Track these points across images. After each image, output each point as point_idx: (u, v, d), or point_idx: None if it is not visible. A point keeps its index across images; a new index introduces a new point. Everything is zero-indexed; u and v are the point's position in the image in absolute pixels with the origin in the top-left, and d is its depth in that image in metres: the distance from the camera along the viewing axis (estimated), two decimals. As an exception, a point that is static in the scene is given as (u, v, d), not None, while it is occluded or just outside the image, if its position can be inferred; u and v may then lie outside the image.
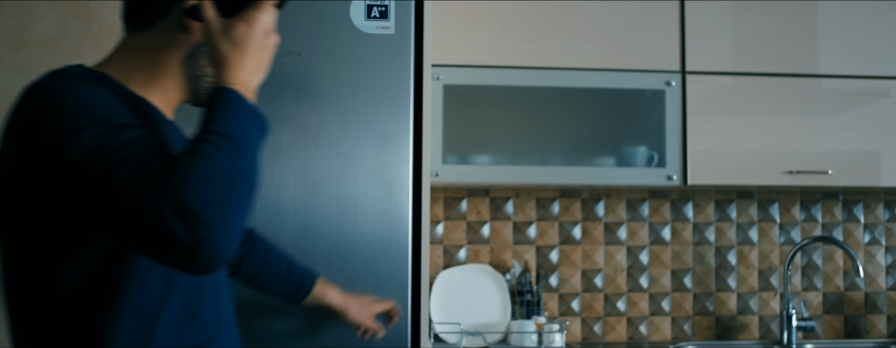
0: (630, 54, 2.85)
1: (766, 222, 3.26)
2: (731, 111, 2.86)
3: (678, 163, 2.83)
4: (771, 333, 3.21)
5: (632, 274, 3.17)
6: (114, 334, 1.19)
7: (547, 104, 2.85)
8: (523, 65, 2.82)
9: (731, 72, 2.87)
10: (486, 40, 2.80)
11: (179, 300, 1.26)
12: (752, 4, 2.89)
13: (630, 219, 3.19)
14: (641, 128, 2.87)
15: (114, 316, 1.19)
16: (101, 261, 1.19)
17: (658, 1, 2.86)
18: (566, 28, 2.83)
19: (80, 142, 1.11)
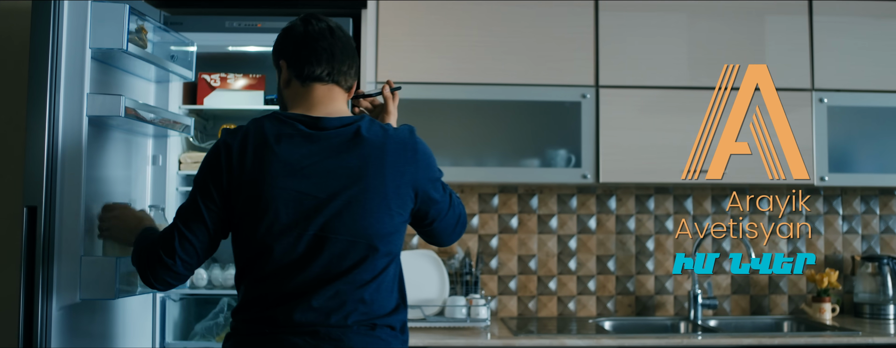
0: (552, 71, 3.46)
1: (680, 214, 3.86)
2: (638, 120, 3.46)
3: (592, 163, 3.43)
4: (684, 310, 3.81)
5: (562, 259, 3.79)
6: None
7: (482, 114, 3.47)
8: (461, 81, 3.43)
9: (638, 85, 3.47)
10: (429, 61, 3.42)
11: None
12: (657, 29, 3.49)
13: (560, 211, 3.80)
14: (561, 134, 3.48)
15: None
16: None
17: (575, 27, 3.46)
18: (496, 50, 3.44)
19: (441, 178, 2.13)
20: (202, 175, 1.97)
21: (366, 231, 1.89)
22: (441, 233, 2.12)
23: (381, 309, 1.93)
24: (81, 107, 2.25)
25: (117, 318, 2.58)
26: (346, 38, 2.06)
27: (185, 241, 1.94)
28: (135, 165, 2.70)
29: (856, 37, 3.57)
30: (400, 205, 1.95)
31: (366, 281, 1.90)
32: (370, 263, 1.91)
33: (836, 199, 3.95)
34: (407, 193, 1.95)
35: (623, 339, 3.13)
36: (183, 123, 2.74)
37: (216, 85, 3.09)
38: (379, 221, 1.90)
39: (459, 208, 2.13)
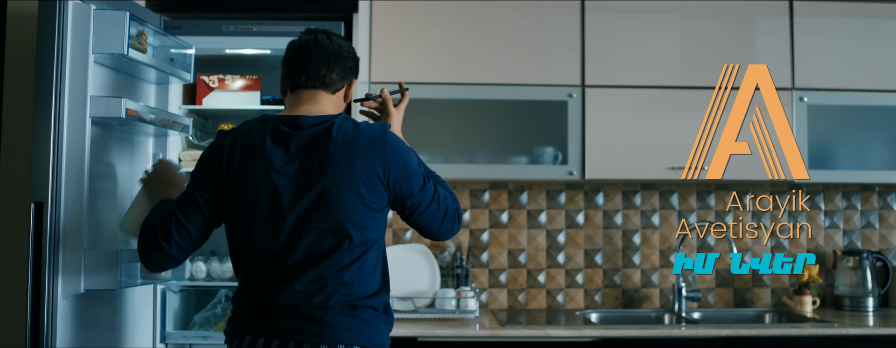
0: (539, 71, 3.60)
1: (666, 209, 4.00)
2: (622, 118, 3.60)
3: (578, 160, 3.58)
4: (670, 303, 3.95)
5: (550, 253, 3.94)
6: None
7: (472, 113, 3.62)
8: (452, 81, 3.58)
9: (623, 85, 3.61)
10: (420, 61, 3.57)
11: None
12: (642, 31, 3.63)
13: (549, 206, 3.95)
14: (549, 132, 3.62)
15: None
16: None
17: (562, 28, 3.60)
18: (486, 51, 3.59)
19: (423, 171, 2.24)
20: (198, 169, 2.17)
21: (339, 218, 2.05)
22: (426, 225, 2.24)
23: (362, 291, 2.08)
24: (85, 109, 2.41)
25: (119, 308, 2.74)
26: (332, 46, 2.21)
27: (181, 227, 2.13)
28: (136, 163, 2.86)
29: (835, 37, 3.71)
30: (372, 194, 2.09)
31: (345, 265, 2.06)
32: (347, 248, 2.06)
33: (819, 195, 4.08)
34: (377, 183, 2.09)
35: (604, 330, 3.27)
36: (182, 123, 2.89)
37: (214, 86, 3.25)
38: (351, 209, 2.06)
39: (447, 203, 2.24)
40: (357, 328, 2.06)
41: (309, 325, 2.03)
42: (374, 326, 2.09)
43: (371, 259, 2.12)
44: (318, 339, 2.02)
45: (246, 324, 2.08)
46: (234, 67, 3.38)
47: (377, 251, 2.14)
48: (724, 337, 3.28)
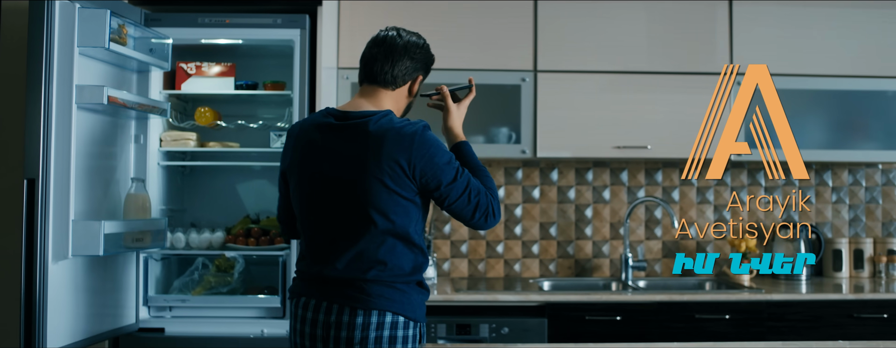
0: (496, 58, 3.94)
1: (616, 185, 4.36)
2: (571, 101, 3.93)
3: (530, 140, 3.92)
4: (619, 272, 4.31)
5: (508, 225, 4.29)
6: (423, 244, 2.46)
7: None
8: (414, 66, 3.91)
9: (572, 70, 3.95)
10: (383, 49, 3.89)
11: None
12: (589, 20, 3.96)
13: (507, 183, 4.30)
14: (504, 114, 3.96)
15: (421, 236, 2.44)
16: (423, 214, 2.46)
17: (516, 18, 3.93)
18: (447, 39, 3.91)
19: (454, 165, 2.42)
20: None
21: (367, 206, 2.31)
22: (458, 215, 2.46)
23: (396, 270, 2.35)
24: (71, 96, 2.76)
25: (106, 273, 3.11)
26: (400, 43, 2.52)
27: (281, 208, 2.60)
28: (119, 143, 3.21)
29: (773, 25, 4.03)
30: (398, 185, 2.30)
31: (377, 246, 2.33)
32: (376, 233, 2.32)
33: (760, 172, 4.43)
34: (401, 175, 2.32)
35: (548, 295, 3.64)
36: (160, 107, 3.24)
37: (192, 72, 3.59)
38: (376, 198, 2.30)
39: (479, 198, 2.41)
40: (390, 296, 2.32)
41: (348, 291, 2.32)
42: (407, 295, 2.36)
43: (401, 242, 2.36)
44: (355, 303, 2.30)
45: (302, 288, 2.44)
46: (210, 55, 3.72)
47: (409, 234, 2.37)
48: (658, 302, 3.64)
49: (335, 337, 2.32)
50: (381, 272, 2.32)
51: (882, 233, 4.49)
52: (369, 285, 2.32)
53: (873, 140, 4.13)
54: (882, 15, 4.09)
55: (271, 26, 3.44)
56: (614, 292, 3.99)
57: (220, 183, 3.89)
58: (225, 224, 3.74)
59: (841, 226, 4.48)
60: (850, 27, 4.07)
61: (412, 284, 2.39)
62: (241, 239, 3.56)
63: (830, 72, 4.06)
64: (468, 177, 2.41)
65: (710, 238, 4.40)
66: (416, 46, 2.53)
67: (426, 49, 2.57)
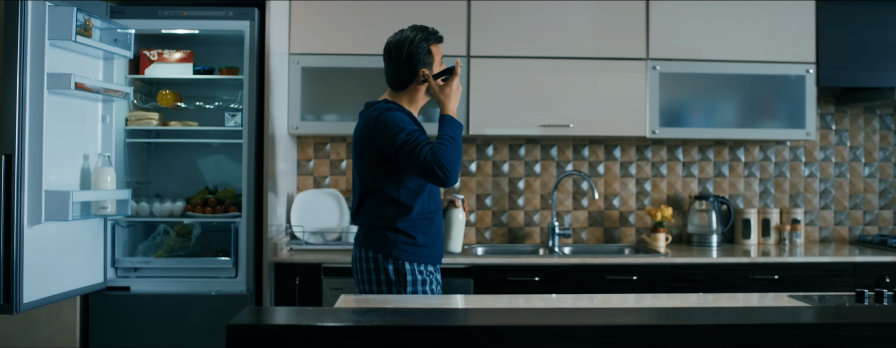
0: (432, 44, 4.38)
1: (546, 160, 4.83)
2: (501, 84, 4.39)
3: (464, 119, 4.38)
4: (548, 239, 4.79)
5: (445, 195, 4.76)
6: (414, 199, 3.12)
7: (377, 79, 4.39)
8: (359, 53, 4.37)
9: (503, 55, 4.40)
10: (334, 36, 4.35)
11: (429, 192, 3.16)
12: (516, 10, 4.40)
13: (447, 158, 4.77)
14: (440, 95, 4.41)
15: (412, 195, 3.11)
16: (407, 177, 3.09)
17: (452, 9, 4.38)
18: (388, 26, 4.32)
19: (402, 136, 2.99)
20: None
21: (360, 177, 3.18)
22: (414, 174, 3.07)
23: (385, 218, 3.13)
24: (42, 83, 3.21)
25: (76, 238, 3.57)
26: (385, 54, 3.24)
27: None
28: (88, 123, 3.67)
29: (686, 13, 4.48)
30: (371, 158, 3.09)
31: (373, 202, 3.14)
32: (368, 194, 3.16)
33: (678, 149, 4.90)
34: (370, 150, 3.09)
35: (474, 259, 4.11)
36: (123, 91, 3.70)
37: (154, 59, 4.04)
38: (363, 171, 3.15)
39: (421, 159, 2.95)
40: (377, 239, 3.12)
41: (359, 232, 3.21)
42: (388, 238, 3.10)
43: (383, 199, 3.12)
44: (356, 242, 3.20)
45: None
46: (171, 43, 4.17)
47: (391, 194, 3.11)
48: (573, 264, 4.12)
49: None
50: (374, 221, 3.15)
51: (789, 204, 4.98)
52: (364, 231, 3.20)
53: (780, 119, 4.59)
54: (784, 5, 4.54)
55: (224, 18, 3.89)
56: (536, 256, 4.47)
57: (182, 158, 4.36)
58: (186, 195, 4.21)
59: (752, 198, 4.97)
60: (757, 17, 4.53)
61: (397, 233, 3.11)
62: (198, 208, 4.03)
63: (740, 58, 4.52)
64: (416, 143, 2.99)
65: (631, 208, 4.89)
66: (399, 46, 3.18)
67: (411, 42, 3.18)
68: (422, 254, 3.14)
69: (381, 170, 3.08)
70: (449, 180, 2.97)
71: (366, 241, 3.14)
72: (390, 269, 3.10)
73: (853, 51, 4.57)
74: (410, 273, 3.10)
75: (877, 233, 5.03)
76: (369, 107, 3.18)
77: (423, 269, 3.15)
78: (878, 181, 5.05)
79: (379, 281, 3.11)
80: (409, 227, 3.11)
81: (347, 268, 4.03)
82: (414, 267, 3.12)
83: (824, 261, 4.25)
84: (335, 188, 4.70)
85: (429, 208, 3.17)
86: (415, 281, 3.11)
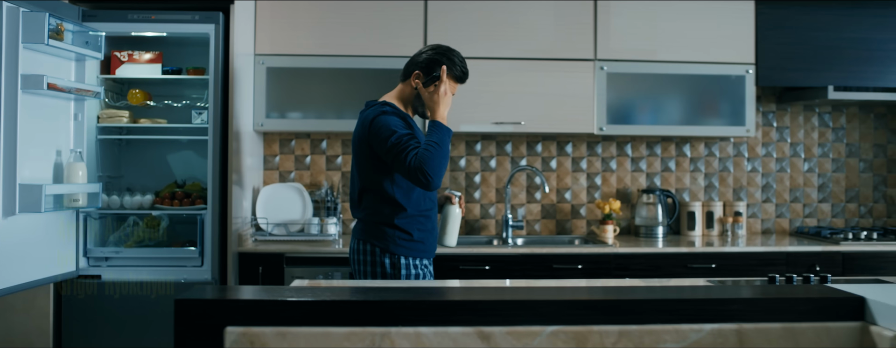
0: (392, 46, 4.63)
1: (502, 156, 5.08)
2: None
3: (421, 117, 4.62)
4: (502, 231, 5.05)
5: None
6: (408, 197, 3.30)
7: (340, 79, 4.65)
8: (321, 53, 4.61)
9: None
10: (296, 38, 4.59)
11: (422, 192, 3.32)
12: (469, 13, 4.65)
13: (406, 153, 5.01)
14: (398, 94, 4.66)
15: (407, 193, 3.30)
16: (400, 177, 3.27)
17: (408, 10, 4.62)
18: (350, 29, 4.61)
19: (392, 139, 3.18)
20: None
21: (359, 175, 3.37)
22: (402, 175, 3.28)
23: (378, 216, 3.32)
24: (16, 83, 3.43)
25: (50, 229, 3.80)
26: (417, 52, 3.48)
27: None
28: (60, 121, 3.90)
29: (632, 17, 4.74)
30: (367, 157, 3.29)
31: (371, 198, 3.33)
32: (366, 191, 3.34)
33: (627, 145, 5.17)
34: (367, 150, 3.28)
35: (428, 248, 4.35)
36: (94, 91, 3.93)
37: (125, 60, 4.27)
38: (359, 169, 3.36)
39: (406, 163, 3.17)
40: (375, 233, 3.32)
41: (358, 225, 3.42)
42: (386, 234, 3.31)
43: (380, 197, 3.32)
44: (355, 234, 3.41)
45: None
46: (142, 44, 4.41)
47: (388, 192, 3.31)
48: (521, 254, 4.37)
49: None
50: (373, 216, 3.35)
51: (732, 197, 5.25)
52: (361, 225, 3.41)
53: (722, 117, 4.86)
54: (726, 9, 4.80)
55: (190, 22, 4.13)
56: (489, 246, 4.72)
57: (152, 153, 4.60)
58: (155, 188, 4.45)
59: (697, 192, 5.24)
60: (700, 20, 4.79)
61: (391, 228, 3.32)
62: (166, 200, 4.27)
63: (684, 59, 4.78)
64: (405, 147, 3.18)
65: (582, 201, 5.15)
66: (421, 53, 3.45)
67: (426, 54, 3.43)
68: (417, 248, 3.35)
69: (377, 169, 3.29)
70: (431, 185, 3.15)
71: (364, 235, 3.35)
72: (387, 263, 3.31)
73: (790, 52, 4.84)
74: (405, 267, 3.32)
75: (815, 224, 5.31)
76: (369, 106, 3.42)
77: (418, 263, 3.36)
78: (817, 176, 5.33)
79: (375, 274, 3.33)
80: (406, 224, 3.32)
81: (309, 258, 4.27)
82: (409, 261, 3.33)
83: (759, 251, 4.52)
84: (299, 182, 4.94)
85: (424, 206, 3.38)
86: (409, 274, 3.33)
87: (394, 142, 3.17)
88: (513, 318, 1.98)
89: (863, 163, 5.35)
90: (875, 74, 4.88)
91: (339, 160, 5.01)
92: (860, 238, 4.74)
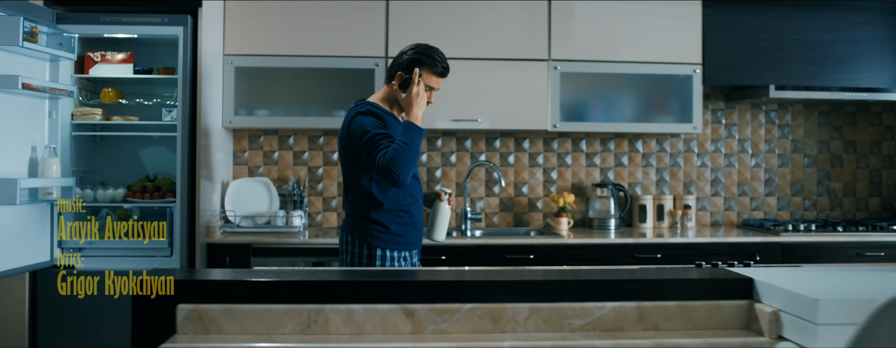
0: (355, 47, 4.86)
1: (461, 151, 5.33)
2: (416, 83, 4.87)
3: (383, 115, 4.86)
4: (462, 223, 5.29)
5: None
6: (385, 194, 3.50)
7: (305, 78, 4.89)
8: (287, 54, 4.84)
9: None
10: (263, 39, 4.82)
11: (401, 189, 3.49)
12: (430, 15, 4.89)
13: (370, 149, 5.25)
14: (361, 92, 4.88)
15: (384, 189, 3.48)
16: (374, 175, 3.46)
17: (371, 13, 4.85)
18: (314, 31, 4.84)
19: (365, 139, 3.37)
20: None
21: (343, 170, 3.59)
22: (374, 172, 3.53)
23: (361, 210, 3.53)
24: (-8, 83, 3.66)
25: (27, 221, 4.02)
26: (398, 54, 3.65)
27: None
28: (35, 118, 4.12)
29: (583, 19, 4.98)
30: (349, 155, 3.47)
31: (354, 193, 3.56)
32: (350, 186, 3.58)
33: (582, 141, 5.42)
34: (348, 148, 3.45)
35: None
36: (68, 90, 4.15)
37: (98, 60, 4.49)
38: (343, 166, 3.56)
39: (377, 160, 3.35)
40: (355, 225, 3.53)
41: (344, 218, 3.61)
42: (365, 227, 3.50)
43: (362, 193, 3.52)
44: (341, 226, 3.60)
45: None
46: (114, 45, 4.63)
47: (367, 187, 3.50)
48: (476, 245, 4.62)
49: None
50: (355, 210, 3.56)
51: (682, 191, 5.51)
52: (351, 217, 3.58)
53: (671, 114, 5.11)
54: (674, 12, 5.05)
55: (160, 24, 4.35)
56: (448, 237, 4.96)
57: (125, 149, 4.82)
58: (128, 183, 4.67)
59: (649, 186, 5.50)
60: (650, 22, 5.04)
61: (371, 222, 3.51)
62: (138, 194, 4.49)
63: (634, 59, 5.03)
64: (376, 146, 3.36)
65: (538, 195, 5.40)
66: (403, 53, 3.63)
67: (407, 54, 3.59)
68: (395, 240, 3.54)
69: (357, 166, 3.48)
70: (399, 182, 3.29)
71: (348, 228, 3.57)
72: (366, 254, 3.52)
73: (735, 53, 5.10)
74: (380, 258, 3.51)
75: (761, 217, 5.58)
76: (355, 106, 3.62)
77: (396, 254, 3.55)
78: (764, 170, 5.59)
79: (356, 264, 3.55)
80: (383, 218, 3.51)
81: (274, 248, 4.51)
82: (386, 252, 3.53)
83: (703, 242, 4.78)
84: (268, 177, 5.17)
85: (403, 201, 3.55)
86: (385, 265, 3.54)
87: (366, 141, 3.35)
88: (434, 297, 2.22)
89: (807, 158, 5.63)
90: (816, 74, 5.15)
91: (306, 156, 5.24)
92: (799, 229, 5.00)
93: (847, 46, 5.16)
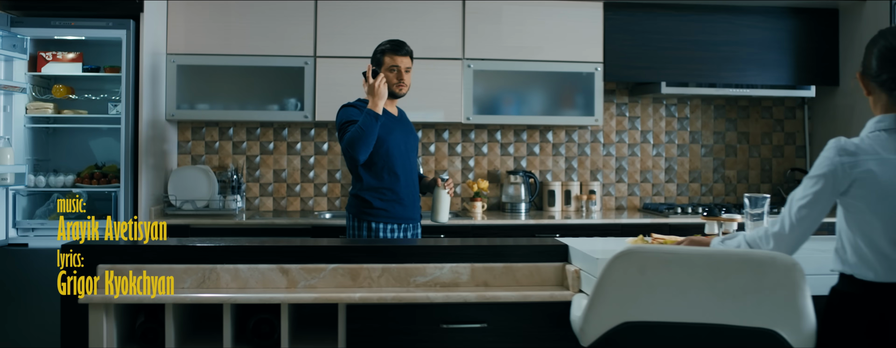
0: (287, 47, 5.41)
1: (387, 142, 5.89)
2: (343, 78, 5.42)
3: (311, 108, 5.42)
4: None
5: (303, 172, 5.82)
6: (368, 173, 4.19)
7: (242, 75, 5.44)
8: (225, 53, 5.39)
9: (342, 56, 5.44)
10: (204, 39, 5.36)
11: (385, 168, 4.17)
12: (356, 17, 5.44)
13: (302, 139, 5.82)
14: (293, 88, 5.46)
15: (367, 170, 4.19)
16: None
17: (301, 14, 5.40)
18: (250, 31, 5.39)
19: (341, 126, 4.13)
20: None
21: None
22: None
23: (354, 187, 4.20)
24: (-48, 81, 4.20)
25: (-17, 203, 4.57)
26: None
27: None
28: (-9, 112, 4.66)
29: (494, 20, 5.55)
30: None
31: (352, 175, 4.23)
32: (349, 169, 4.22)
33: (497, 132, 6.00)
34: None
35: (314, 220, 5.16)
36: (21, 86, 4.69)
37: (50, 59, 5.04)
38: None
39: (342, 145, 4.05)
40: (350, 203, 4.21)
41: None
42: (354, 203, 4.17)
43: (355, 174, 4.19)
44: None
45: None
46: (65, 46, 5.17)
47: (353, 167, 4.16)
48: (393, 226, 5.19)
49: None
50: (353, 188, 4.21)
51: (589, 178, 6.11)
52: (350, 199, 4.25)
53: (576, 108, 5.70)
54: (578, 14, 5.63)
55: (105, 27, 4.89)
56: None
57: (76, 139, 5.37)
58: (79, 170, 5.22)
59: (559, 173, 6.09)
60: (555, 23, 5.61)
61: (358, 199, 4.15)
62: (86, 180, 5.04)
63: (542, 57, 5.61)
64: (343, 133, 4.07)
65: (457, 181, 5.98)
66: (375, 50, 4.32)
67: (376, 51, 4.28)
68: (380, 214, 4.14)
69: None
70: (357, 159, 4.03)
71: (348, 206, 4.24)
72: (355, 225, 4.17)
73: (633, 52, 5.69)
74: (369, 230, 4.12)
75: (662, 201, 6.19)
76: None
77: (384, 227, 4.15)
78: (664, 159, 6.20)
79: (352, 235, 4.17)
80: (368, 195, 4.14)
81: (212, 229, 5.05)
82: (373, 225, 4.13)
83: (599, 223, 5.38)
84: (209, 165, 5.72)
85: (387, 180, 4.16)
86: (373, 236, 4.11)
87: (339, 129, 4.10)
88: (304, 258, 2.81)
89: (704, 148, 6.24)
90: (707, 72, 5.75)
91: (245, 145, 5.80)
92: (687, 212, 5.62)
93: (735, 47, 5.77)
